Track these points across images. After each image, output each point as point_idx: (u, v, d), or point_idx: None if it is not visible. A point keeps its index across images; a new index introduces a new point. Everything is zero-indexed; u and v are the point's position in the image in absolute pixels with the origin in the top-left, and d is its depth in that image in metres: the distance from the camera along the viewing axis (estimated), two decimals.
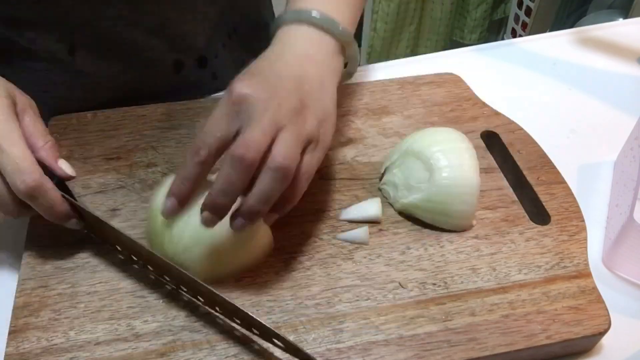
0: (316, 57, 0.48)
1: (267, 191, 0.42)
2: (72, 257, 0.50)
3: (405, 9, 1.79)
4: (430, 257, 0.50)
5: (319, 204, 0.55)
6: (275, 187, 0.42)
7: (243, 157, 0.40)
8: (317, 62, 0.47)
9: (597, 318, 0.46)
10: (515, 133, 0.62)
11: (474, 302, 0.47)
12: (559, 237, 0.52)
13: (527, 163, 0.59)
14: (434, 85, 0.68)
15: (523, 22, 1.73)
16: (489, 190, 0.56)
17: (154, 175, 0.57)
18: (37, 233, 0.51)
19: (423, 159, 0.52)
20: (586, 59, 0.77)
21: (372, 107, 0.65)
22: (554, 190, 0.56)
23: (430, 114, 0.64)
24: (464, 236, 0.52)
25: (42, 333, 0.45)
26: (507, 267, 0.50)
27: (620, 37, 0.81)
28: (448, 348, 0.44)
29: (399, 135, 0.62)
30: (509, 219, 0.54)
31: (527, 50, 0.79)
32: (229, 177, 0.41)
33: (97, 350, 0.44)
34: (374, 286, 0.48)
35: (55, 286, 0.48)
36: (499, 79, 0.74)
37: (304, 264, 0.50)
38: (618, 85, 0.73)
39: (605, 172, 0.62)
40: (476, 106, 0.65)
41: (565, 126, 0.67)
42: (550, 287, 0.48)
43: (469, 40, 1.92)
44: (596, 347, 0.47)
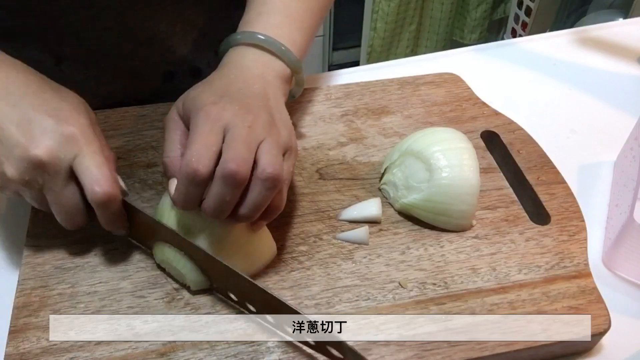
0: (268, 78, 0.49)
1: (259, 200, 0.43)
2: (72, 257, 0.50)
3: (405, 9, 1.79)
4: (430, 257, 0.50)
5: (319, 204, 0.55)
6: (267, 196, 0.43)
7: (236, 174, 0.41)
8: (269, 82, 0.49)
9: (597, 318, 0.46)
10: (515, 133, 0.62)
11: (474, 302, 0.47)
12: (559, 237, 0.52)
13: (527, 163, 0.59)
14: (434, 85, 0.68)
15: (523, 22, 1.73)
16: (489, 190, 0.56)
17: (153, 175, 0.57)
18: (37, 233, 0.51)
19: (423, 159, 0.52)
20: (586, 59, 0.77)
21: (372, 107, 0.65)
22: (554, 190, 0.56)
23: (430, 114, 0.64)
24: (464, 236, 0.52)
25: (42, 333, 0.45)
26: (507, 267, 0.50)
27: (620, 37, 0.81)
28: (448, 348, 0.44)
29: (399, 135, 0.62)
30: (509, 219, 0.54)
31: (527, 50, 0.79)
32: (222, 195, 0.42)
33: (97, 350, 0.44)
34: (374, 286, 0.48)
35: (55, 286, 0.48)
36: (499, 79, 0.74)
37: (304, 264, 0.50)
38: (618, 85, 0.73)
39: (605, 172, 0.62)
40: (476, 106, 0.65)
41: (565, 126, 0.67)
42: (550, 287, 0.48)
43: (469, 40, 1.92)
44: (596, 347, 0.47)
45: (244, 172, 0.42)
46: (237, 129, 0.43)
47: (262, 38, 0.50)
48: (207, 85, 0.47)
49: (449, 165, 0.51)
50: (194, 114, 0.44)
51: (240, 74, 0.48)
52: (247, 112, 0.44)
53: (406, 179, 0.53)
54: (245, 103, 0.45)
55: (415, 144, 0.54)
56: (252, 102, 0.46)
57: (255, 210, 0.44)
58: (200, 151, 0.42)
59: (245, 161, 0.42)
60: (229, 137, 0.43)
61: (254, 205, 0.43)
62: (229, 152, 0.42)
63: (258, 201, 0.43)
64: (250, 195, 0.43)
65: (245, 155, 0.42)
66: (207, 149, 0.42)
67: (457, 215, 0.52)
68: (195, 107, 0.44)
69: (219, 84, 0.47)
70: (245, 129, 0.43)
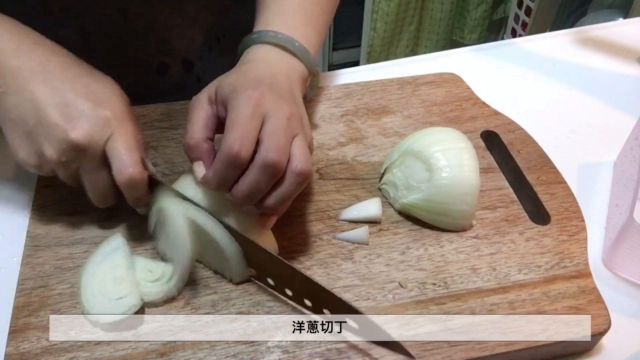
0: (292, 77, 0.51)
1: (288, 193, 0.45)
2: (72, 257, 0.50)
3: (405, 9, 1.79)
4: (430, 257, 0.50)
5: (319, 204, 0.55)
6: (295, 190, 0.45)
7: (276, 163, 0.43)
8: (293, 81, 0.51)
9: (597, 318, 0.46)
10: (515, 133, 0.62)
11: (474, 302, 0.47)
12: (559, 237, 0.52)
13: (527, 163, 0.59)
14: (434, 85, 0.68)
15: (523, 22, 1.73)
16: (489, 190, 0.56)
17: None
18: (37, 233, 0.51)
19: (423, 159, 0.52)
20: (586, 59, 0.77)
21: (372, 107, 0.65)
22: (554, 190, 0.56)
23: (430, 114, 0.64)
24: (464, 236, 0.52)
25: (42, 333, 0.45)
26: (507, 267, 0.50)
27: (620, 37, 0.81)
28: (448, 348, 0.44)
29: (399, 135, 0.62)
30: (509, 219, 0.54)
31: (527, 50, 0.79)
32: (257, 182, 0.43)
33: (97, 350, 0.44)
34: (374, 286, 0.48)
35: (55, 286, 0.48)
36: (499, 79, 0.74)
37: (304, 264, 0.50)
38: (618, 85, 0.73)
39: (605, 172, 0.62)
40: (476, 106, 0.65)
41: (565, 126, 0.67)
42: (550, 287, 0.48)
43: (469, 40, 1.92)
44: (596, 347, 0.47)
45: (283, 162, 0.43)
46: (278, 120, 0.44)
47: (286, 39, 0.51)
48: (240, 74, 0.48)
49: (449, 165, 0.51)
50: (233, 97, 0.45)
51: (267, 70, 0.49)
52: (285, 104, 0.45)
53: (406, 179, 0.53)
54: (281, 95, 0.46)
55: (415, 144, 0.54)
56: (286, 96, 0.47)
57: (282, 203, 0.45)
58: (243, 135, 0.43)
59: (285, 152, 0.43)
60: (270, 126, 0.44)
61: (282, 197, 0.44)
62: (271, 141, 0.43)
63: (287, 194, 0.44)
64: (280, 188, 0.44)
65: (286, 146, 0.44)
66: (248, 134, 0.43)
67: (457, 215, 0.52)
68: (235, 91, 0.45)
69: (252, 75, 0.48)
70: (285, 120, 0.44)
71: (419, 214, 0.53)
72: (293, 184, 0.44)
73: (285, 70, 0.50)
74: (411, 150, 0.53)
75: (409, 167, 0.53)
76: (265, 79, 0.47)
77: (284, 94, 0.47)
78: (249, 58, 0.52)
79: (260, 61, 0.51)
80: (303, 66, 0.53)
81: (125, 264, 0.47)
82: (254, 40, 0.53)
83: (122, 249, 0.48)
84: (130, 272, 0.47)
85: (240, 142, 0.43)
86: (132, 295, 0.45)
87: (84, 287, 0.46)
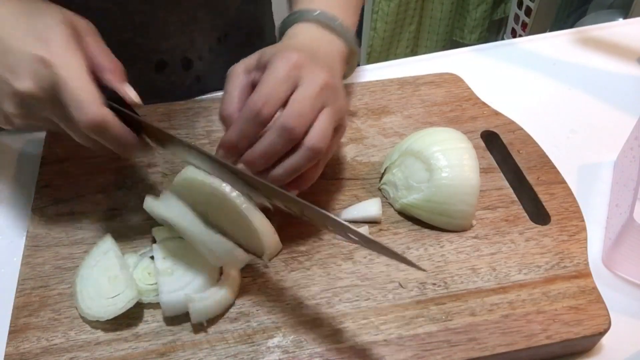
0: (334, 54, 0.51)
1: (296, 166, 0.44)
2: (72, 257, 0.50)
3: (405, 9, 1.79)
4: (430, 257, 0.50)
5: (319, 204, 0.54)
6: (304, 164, 0.44)
7: (293, 129, 0.42)
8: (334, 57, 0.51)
9: (597, 318, 0.46)
10: (515, 133, 0.62)
11: (474, 302, 0.47)
12: (559, 237, 0.52)
13: (527, 163, 0.59)
14: (434, 85, 0.68)
15: (523, 22, 1.73)
16: (489, 190, 0.56)
17: (154, 175, 0.57)
18: (37, 233, 0.51)
19: (423, 159, 0.52)
20: (586, 59, 0.77)
21: (372, 107, 0.65)
22: (554, 190, 0.56)
23: (430, 114, 0.64)
24: (464, 236, 0.52)
25: (42, 333, 0.45)
26: (507, 267, 0.50)
27: (620, 37, 0.81)
28: (448, 348, 0.44)
29: (399, 135, 0.62)
30: (509, 219, 0.54)
31: (527, 50, 0.79)
32: (274, 145, 0.43)
33: (97, 350, 0.44)
34: (374, 286, 0.48)
35: (55, 286, 0.48)
36: (499, 79, 0.74)
37: (304, 264, 0.50)
38: (618, 85, 0.73)
39: (605, 172, 0.62)
40: (476, 106, 0.65)
41: (565, 126, 0.67)
42: (550, 287, 0.48)
43: (469, 40, 1.92)
44: (596, 347, 0.47)
45: (300, 130, 0.43)
46: (311, 86, 0.44)
47: (327, 17, 0.52)
48: (283, 44, 0.48)
49: (449, 165, 0.51)
50: (275, 56, 0.45)
51: (311, 44, 0.50)
52: (322, 72, 0.45)
53: (406, 179, 0.53)
54: (321, 65, 0.46)
55: (415, 144, 0.54)
56: (325, 66, 0.47)
57: (289, 174, 0.45)
58: (270, 94, 0.43)
59: (306, 121, 0.43)
60: (301, 91, 0.44)
61: (290, 168, 0.44)
62: (294, 106, 0.43)
63: (295, 166, 0.44)
64: (289, 159, 0.44)
65: (309, 115, 0.43)
66: (276, 94, 0.43)
67: (457, 215, 0.51)
68: (278, 51, 0.45)
69: (295, 44, 0.48)
70: (318, 88, 0.44)
71: (419, 214, 0.53)
72: (303, 157, 0.44)
73: (328, 47, 0.51)
74: (411, 150, 0.53)
75: (409, 167, 0.53)
76: (308, 48, 0.48)
77: (324, 64, 0.47)
78: (291, 34, 0.52)
79: (303, 37, 0.51)
80: (343, 44, 0.53)
81: (118, 263, 0.47)
82: (295, 19, 0.53)
83: (113, 250, 0.48)
84: (124, 270, 0.47)
85: (265, 99, 0.43)
86: (129, 290, 0.45)
87: (79, 291, 0.46)
